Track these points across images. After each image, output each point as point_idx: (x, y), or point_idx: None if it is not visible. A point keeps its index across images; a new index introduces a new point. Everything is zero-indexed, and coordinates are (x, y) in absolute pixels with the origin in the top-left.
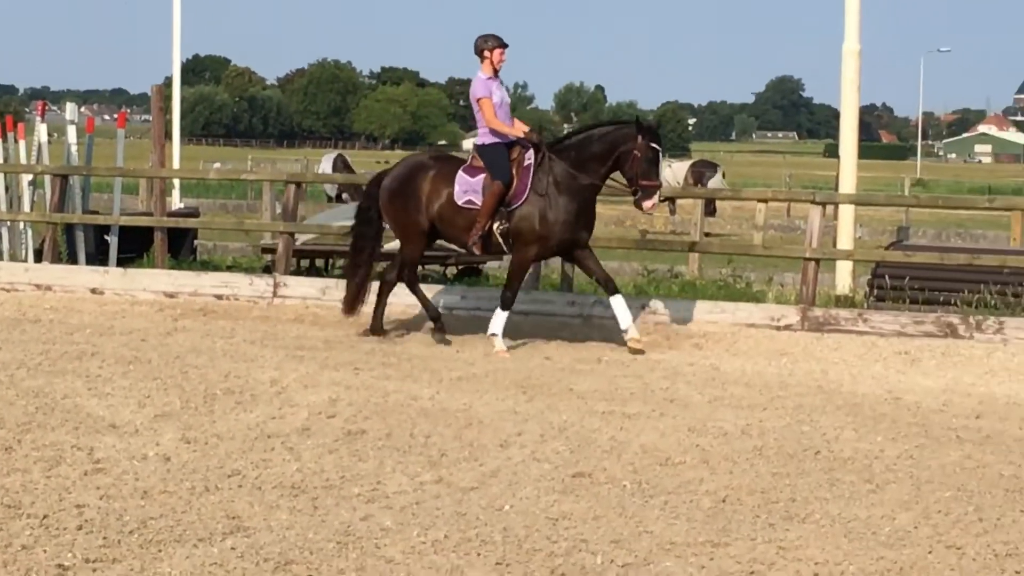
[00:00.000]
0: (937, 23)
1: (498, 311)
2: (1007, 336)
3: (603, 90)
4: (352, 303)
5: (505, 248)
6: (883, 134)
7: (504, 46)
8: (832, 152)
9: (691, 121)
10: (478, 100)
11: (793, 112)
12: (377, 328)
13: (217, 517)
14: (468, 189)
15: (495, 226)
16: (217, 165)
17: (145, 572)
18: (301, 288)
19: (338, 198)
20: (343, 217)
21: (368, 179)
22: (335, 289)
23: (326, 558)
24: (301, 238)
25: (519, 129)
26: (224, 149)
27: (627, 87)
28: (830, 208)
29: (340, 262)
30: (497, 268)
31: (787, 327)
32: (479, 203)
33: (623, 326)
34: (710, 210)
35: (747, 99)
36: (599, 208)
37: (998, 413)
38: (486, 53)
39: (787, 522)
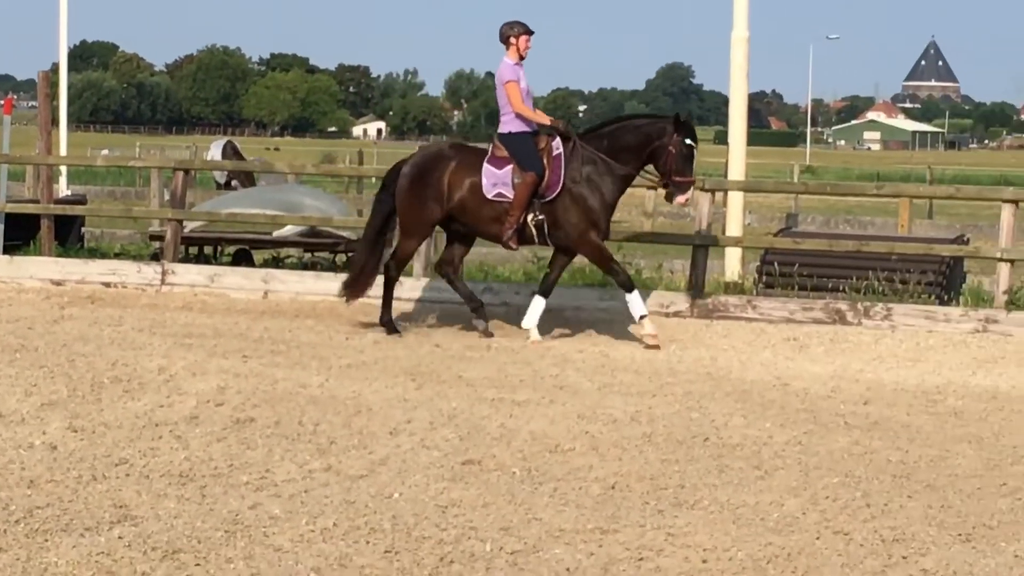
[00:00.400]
0: (826, 10)
1: (628, 297)
2: (895, 322)
3: (493, 76)
4: (356, 289)
5: (538, 240)
6: (773, 121)
7: (530, 33)
8: (722, 139)
9: (581, 108)
10: (505, 84)
11: (683, 99)
12: (388, 321)
13: (104, 506)
14: (497, 182)
15: (529, 218)
16: (105, 152)
17: (32, 562)
18: (189, 275)
19: (227, 185)
20: (232, 204)
21: (253, 166)
22: (224, 276)
23: (214, 547)
24: (189, 225)
25: (544, 116)
26: (112, 136)
27: None
28: (719, 195)
29: (229, 249)
30: None
31: (676, 314)
32: (510, 196)
33: (525, 322)
34: None
35: (638, 86)
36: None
37: (886, 399)
38: (512, 39)
39: (676, 508)
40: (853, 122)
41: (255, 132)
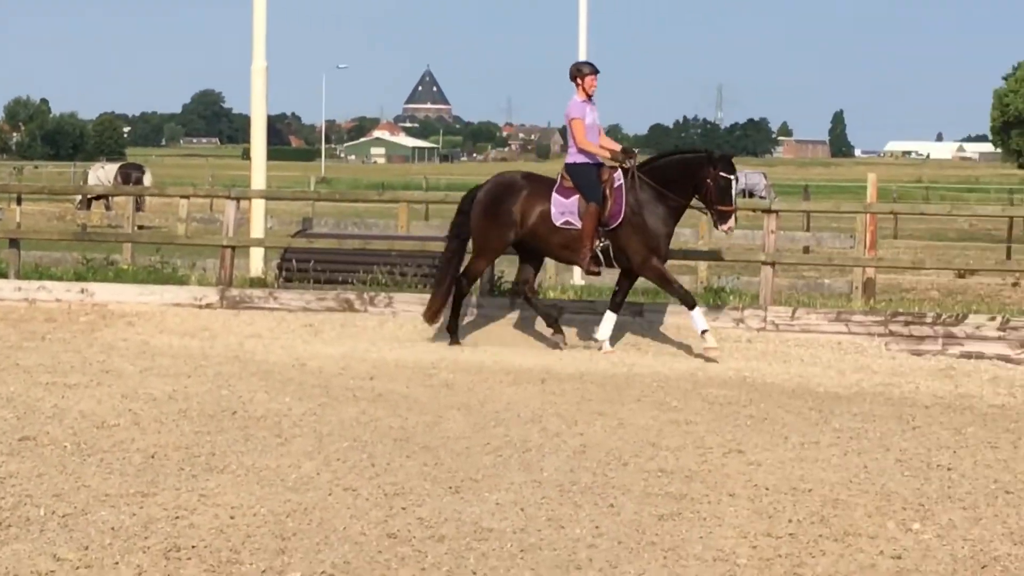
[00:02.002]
0: (337, 42)
1: (692, 314)
2: (396, 309)
3: (47, 102)
4: (435, 312)
5: (605, 263)
6: (293, 139)
7: (596, 73)
8: (248, 155)
9: (126, 129)
10: (571, 120)
11: (215, 121)
12: (454, 335)
13: None
14: (565, 210)
15: (595, 244)
16: None
17: None
18: None
19: None
20: None
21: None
22: None
23: None
24: None
25: (606, 149)
26: None
27: (69, 99)
28: (245, 202)
29: None
30: None
31: (208, 306)
32: (576, 223)
33: (599, 335)
34: (140, 205)
35: (176, 109)
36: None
37: (389, 375)
38: (578, 80)
39: (208, 473)
40: (362, 139)
41: None
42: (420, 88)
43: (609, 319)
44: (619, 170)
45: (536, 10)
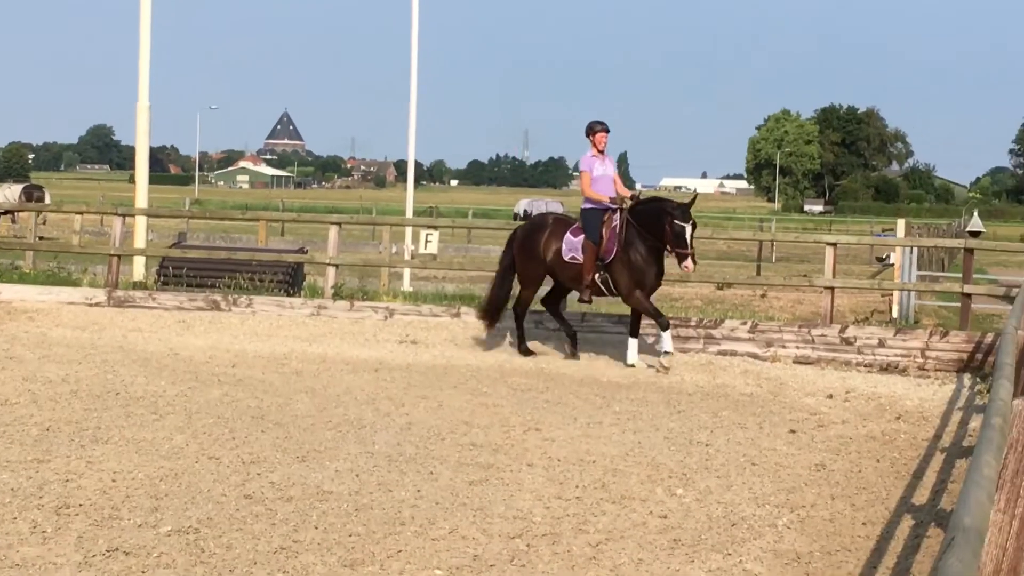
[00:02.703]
0: (209, 86)
1: (663, 334)
2: (255, 309)
3: None
4: (492, 320)
5: (606, 292)
6: (172, 167)
7: (607, 131)
8: (134, 180)
9: (31, 156)
10: (581, 172)
11: (107, 151)
12: (523, 347)
13: None
14: (572, 248)
15: (596, 276)
16: None
17: None
18: None
19: None
20: None
21: None
22: None
23: None
24: None
25: (603, 196)
26: None
27: None
28: (130, 219)
29: None
30: None
31: (97, 304)
32: (581, 259)
33: (629, 359)
34: (42, 220)
35: (73, 140)
36: None
37: (248, 363)
38: (591, 136)
39: (95, 444)
40: (229, 168)
41: None
42: (279, 126)
43: (632, 345)
44: (617, 214)
45: (376, 64)
